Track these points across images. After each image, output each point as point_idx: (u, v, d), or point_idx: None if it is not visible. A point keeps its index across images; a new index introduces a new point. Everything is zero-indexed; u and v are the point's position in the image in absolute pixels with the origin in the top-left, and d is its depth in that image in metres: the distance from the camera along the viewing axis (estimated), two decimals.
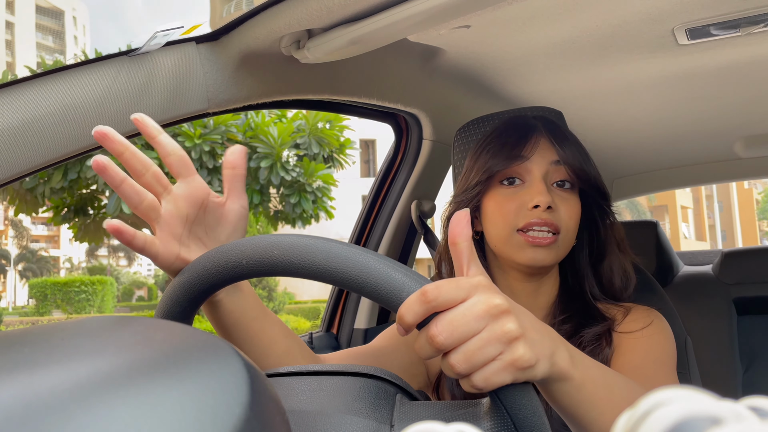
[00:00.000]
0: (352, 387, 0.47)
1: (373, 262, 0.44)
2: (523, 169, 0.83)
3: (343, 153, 9.10)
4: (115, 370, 0.25)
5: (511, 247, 0.81)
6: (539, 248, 0.79)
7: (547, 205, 0.78)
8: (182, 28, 0.76)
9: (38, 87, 0.67)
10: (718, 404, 0.18)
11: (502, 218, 0.82)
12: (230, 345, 0.30)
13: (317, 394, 0.46)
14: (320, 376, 0.49)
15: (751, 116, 1.45)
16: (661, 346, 0.79)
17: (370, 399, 0.45)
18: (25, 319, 17.85)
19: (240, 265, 0.49)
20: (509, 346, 0.41)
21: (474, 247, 0.47)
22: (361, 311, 1.45)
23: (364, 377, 0.48)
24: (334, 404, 0.45)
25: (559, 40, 1.02)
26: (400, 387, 0.48)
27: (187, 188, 0.59)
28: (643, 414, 0.19)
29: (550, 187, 0.82)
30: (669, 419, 0.18)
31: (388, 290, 0.43)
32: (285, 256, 0.46)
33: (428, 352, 0.42)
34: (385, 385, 0.48)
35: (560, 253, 0.81)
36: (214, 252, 0.51)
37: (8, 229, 37.10)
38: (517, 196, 0.82)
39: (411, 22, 0.75)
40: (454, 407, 0.44)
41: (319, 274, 0.46)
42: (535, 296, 0.87)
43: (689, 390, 0.20)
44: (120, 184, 0.56)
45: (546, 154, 0.83)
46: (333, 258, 0.45)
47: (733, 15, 0.91)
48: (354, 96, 1.06)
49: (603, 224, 0.88)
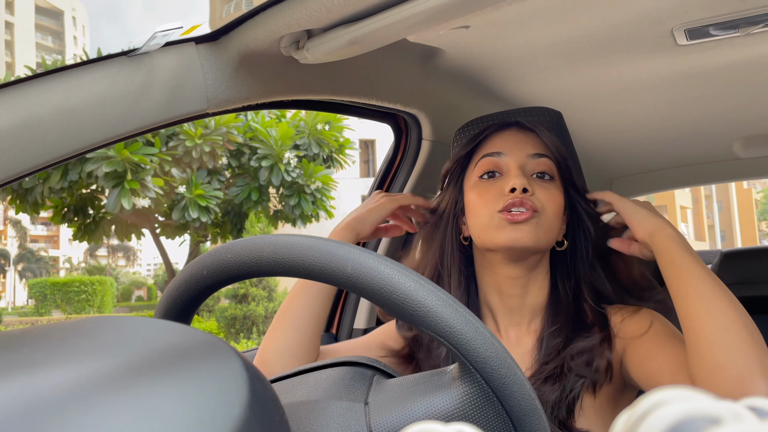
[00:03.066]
0: (330, 376, 0.48)
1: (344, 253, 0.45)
2: (501, 163, 0.86)
3: (343, 153, 9.11)
4: (115, 370, 0.25)
5: (492, 229, 0.83)
6: (518, 226, 0.80)
7: (523, 188, 0.81)
8: (182, 29, 0.76)
9: (38, 87, 0.67)
10: (717, 404, 0.18)
11: (482, 206, 0.85)
12: (230, 345, 0.30)
13: (298, 389, 0.47)
14: (303, 374, 0.50)
15: (751, 116, 1.45)
16: (678, 341, 0.78)
17: (346, 382, 0.46)
18: (24, 319, 17.84)
19: (244, 265, 0.49)
20: None
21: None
22: (361, 311, 1.45)
23: (342, 366, 0.49)
24: (313, 394, 0.46)
25: (559, 40, 1.02)
26: (378, 369, 0.49)
27: None
28: (642, 414, 0.19)
29: (530, 177, 0.85)
30: (669, 419, 0.18)
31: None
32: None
33: None
34: (362, 369, 0.49)
35: (541, 235, 0.82)
36: (214, 252, 0.51)
37: (7, 229, 37.07)
38: (495, 185, 0.85)
39: (410, 22, 0.75)
40: (425, 377, 0.45)
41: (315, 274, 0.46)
42: (523, 296, 0.87)
43: (689, 390, 0.20)
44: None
45: (523, 148, 0.86)
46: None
47: (732, 15, 0.91)
48: (353, 96, 1.06)
49: (591, 218, 0.88)
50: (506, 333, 0.89)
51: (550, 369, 0.80)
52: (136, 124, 0.74)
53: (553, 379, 0.79)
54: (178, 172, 7.91)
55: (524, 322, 0.88)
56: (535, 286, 0.87)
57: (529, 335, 0.87)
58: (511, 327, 0.88)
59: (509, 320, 0.88)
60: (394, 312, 0.41)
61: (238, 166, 8.42)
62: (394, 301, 0.41)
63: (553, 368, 0.80)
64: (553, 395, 0.78)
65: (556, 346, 0.82)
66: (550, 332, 0.84)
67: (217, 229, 9.17)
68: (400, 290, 0.41)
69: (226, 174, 8.50)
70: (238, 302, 9.05)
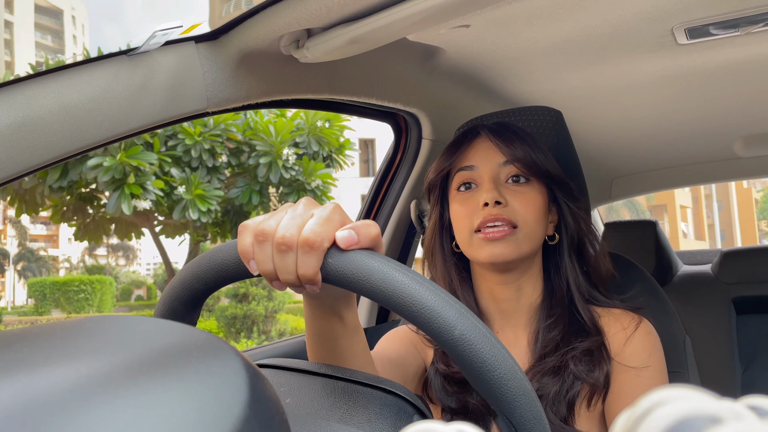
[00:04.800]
0: (374, 400, 0.48)
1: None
2: (475, 175, 0.86)
3: (342, 153, 9.09)
4: (115, 369, 0.25)
5: (473, 248, 0.84)
6: (496, 242, 0.81)
7: (495, 201, 0.81)
8: (181, 28, 0.76)
9: (37, 86, 0.67)
10: (717, 403, 0.18)
11: (461, 221, 0.85)
12: (230, 344, 0.30)
13: (342, 400, 0.47)
14: (346, 382, 0.50)
15: (751, 116, 1.45)
16: (659, 375, 0.80)
17: (391, 419, 0.46)
18: (24, 319, 17.83)
19: (240, 266, 0.49)
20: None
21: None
22: (361, 311, 1.45)
23: (384, 392, 0.49)
24: (356, 417, 0.45)
25: (559, 40, 1.02)
26: (417, 408, 0.49)
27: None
28: (642, 413, 0.19)
29: (504, 185, 0.85)
30: (668, 418, 0.18)
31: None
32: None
33: None
34: (404, 405, 0.48)
35: (522, 246, 0.82)
36: (213, 251, 0.51)
37: (7, 228, 37.08)
38: (471, 199, 0.85)
39: (410, 21, 0.75)
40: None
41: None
42: (517, 299, 0.87)
43: (688, 389, 0.20)
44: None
45: (493, 158, 0.86)
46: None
47: (732, 14, 0.91)
48: (353, 95, 1.06)
49: (572, 212, 0.89)
50: (503, 333, 0.89)
51: (551, 364, 0.81)
52: (135, 124, 0.74)
53: (553, 372, 0.80)
54: (178, 172, 7.91)
55: (521, 322, 0.88)
56: (528, 286, 0.87)
57: (525, 332, 0.88)
58: (507, 328, 0.89)
59: (506, 322, 0.89)
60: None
61: (238, 164, 8.42)
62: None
63: (553, 363, 0.81)
64: (554, 387, 0.79)
65: (553, 339, 0.83)
66: (546, 325, 0.85)
67: (216, 229, 9.16)
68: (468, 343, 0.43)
69: (225, 173, 8.50)
70: (239, 301, 9.05)
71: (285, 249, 0.46)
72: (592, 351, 0.81)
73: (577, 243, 0.89)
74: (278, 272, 0.47)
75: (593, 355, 0.81)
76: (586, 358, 0.80)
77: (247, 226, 0.49)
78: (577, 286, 0.86)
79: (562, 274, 0.87)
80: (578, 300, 0.86)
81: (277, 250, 0.47)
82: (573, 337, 0.82)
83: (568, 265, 0.87)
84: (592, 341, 0.81)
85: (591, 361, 0.80)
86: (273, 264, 0.47)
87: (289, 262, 0.46)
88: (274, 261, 0.47)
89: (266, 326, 8.97)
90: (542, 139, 0.96)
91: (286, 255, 0.46)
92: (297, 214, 0.48)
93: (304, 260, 0.46)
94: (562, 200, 0.89)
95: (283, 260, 0.47)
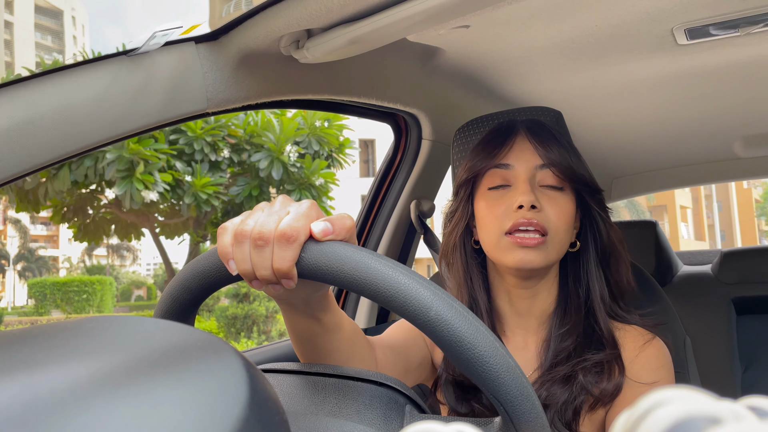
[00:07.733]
0: (363, 393, 0.48)
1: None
2: (509, 175, 0.84)
3: (342, 153, 9.10)
4: (115, 369, 0.25)
5: (500, 250, 0.81)
6: (527, 249, 0.79)
7: (531, 205, 0.79)
8: (181, 28, 0.76)
9: (37, 86, 0.67)
10: (717, 404, 0.18)
11: (490, 222, 0.83)
12: (230, 344, 0.30)
13: (332, 395, 0.47)
14: (336, 378, 0.50)
15: (751, 116, 1.45)
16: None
17: (381, 409, 0.46)
18: (24, 319, 17.83)
19: (221, 271, 0.50)
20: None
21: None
22: (361, 310, 1.45)
23: (375, 384, 0.49)
24: (345, 409, 0.45)
25: (559, 40, 1.02)
26: (409, 398, 0.48)
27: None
28: (642, 414, 0.19)
29: (538, 188, 0.83)
30: (668, 419, 0.18)
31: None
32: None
33: None
34: (395, 395, 0.48)
35: (551, 255, 0.80)
36: (213, 252, 0.51)
37: (7, 229, 37.07)
38: (503, 199, 0.83)
39: (410, 22, 0.75)
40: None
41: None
42: (532, 301, 0.86)
43: (688, 390, 0.20)
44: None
45: (530, 159, 0.83)
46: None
47: (732, 15, 0.91)
48: (353, 96, 1.06)
49: (604, 222, 0.87)
50: (513, 336, 0.88)
51: (561, 373, 0.80)
52: (135, 124, 0.74)
53: (563, 381, 0.79)
54: (183, 166, 7.98)
55: (532, 327, 0.87)
56: (544, 292, 0.86)
57: (535, 338, 0.86)
58: (518, 330, 0.88)
59: (516, 324, 0.88)
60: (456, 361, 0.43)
61: (239, 162, 8.44)
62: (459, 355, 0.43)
63: (563, 373, 0.80)
64: (562, 397, 0.78)
65: (566, 348, 0.81)
66: (559, 334, 0.83)
67: (216, 229, 9.18)
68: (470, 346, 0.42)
69: (227, 170, 8.53)
70: (239, 301, 9.05)
71: (262, 244, 0.47)
72: (603, 363, 0.79)
73: (608, 254, 0.87)
74: (255, 269, 0.48)
75: (603, 368, 0.79)
76: (596, 370, 0.79)
77: (226, 228, 0.49)
78: (601, 297, 0.84)
79: (582, 283, 0.86)
80: (599, 311, 0.84)
81: (254, 245, 0.47)
82: (586, 348, 0.81)
83: (594, 275, 0.85)
84: (607, 354, 0.80)
85: (600, 373, 0.79)
86: (251, 263, 0.47)
87: (266, 256, 0.47)
88: (251, 258, 0.47)
89: (267, 326, 8.96)
90: None
91: (263, 250, 0.47)
92: (274, 210, 0.48)
93: (280, 254, 0.46)
94: (594, 209, 0.86)
95: (259, 255, 0.47)
